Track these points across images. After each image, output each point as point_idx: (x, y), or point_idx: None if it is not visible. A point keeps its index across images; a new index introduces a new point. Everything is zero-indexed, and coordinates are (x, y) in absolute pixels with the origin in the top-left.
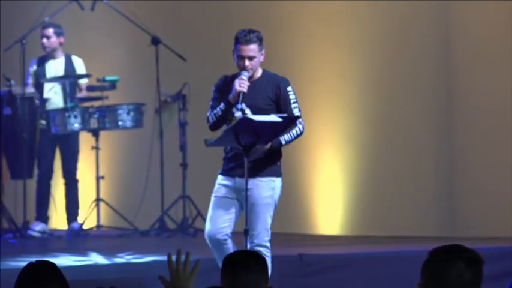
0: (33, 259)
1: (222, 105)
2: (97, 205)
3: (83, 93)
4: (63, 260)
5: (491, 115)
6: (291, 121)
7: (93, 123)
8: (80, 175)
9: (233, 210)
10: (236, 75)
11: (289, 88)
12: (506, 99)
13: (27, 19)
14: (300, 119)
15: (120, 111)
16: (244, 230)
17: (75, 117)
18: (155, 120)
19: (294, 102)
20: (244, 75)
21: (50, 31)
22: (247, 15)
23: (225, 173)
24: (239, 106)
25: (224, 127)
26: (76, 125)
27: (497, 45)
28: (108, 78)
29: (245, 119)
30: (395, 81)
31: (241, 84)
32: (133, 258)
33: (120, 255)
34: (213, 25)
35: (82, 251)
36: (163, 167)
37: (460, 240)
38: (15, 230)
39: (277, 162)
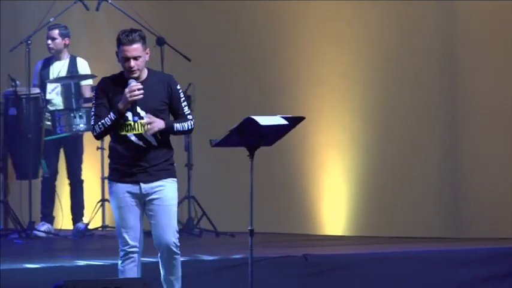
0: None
1: (111, 115)
2: (102, 205)
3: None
4: (68, 261)
5: (496, 116)
6: (296, 122)
7: None
8: (85, 175)
9: (141, 218)
10: (117, 77)
11: (178, 86)
12: (511, 101)
13: (32, 19)
14: (191, 117)
15: None
16: (249, 230)
17: (81, 117)
18: None
19: (184, 101)
20: (134, 83)
21: (55, 32)
22: (251, 16)
23: (124, 180)
24: (135, 118)
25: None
26: (81, 126)
27: (502, 45)
28: None
29: (250, 120)
30: (400, 82)
31: (133, 94)
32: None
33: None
34: (217, 25)
35: (87, 251)
36: None
37: (464, 241)
38: (20, 230)
39: (173, 163)
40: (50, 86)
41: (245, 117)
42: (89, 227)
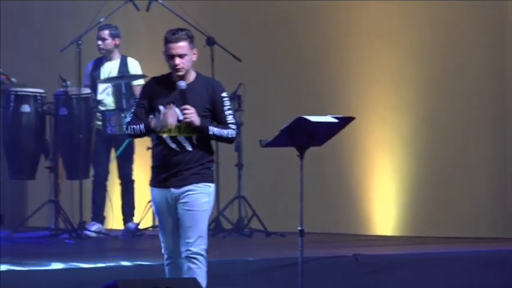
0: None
1: (142, 127)
2: None
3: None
4: (118, 260)
5: None
6: (346, 122)
7: None
8: (135, 176)
9: (178, 224)
10: (165, 77)
11: (224, 94)
12: None
13: (83, 19)
14: (234, 127)
15: None
16: (299, 231)
17: None
18: None
19: (228, 109)
20: (181, 86)
21: (106, 33)
22: (303, 15)
23: (159, 185)
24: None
25: None
26: None
27: None
28: None
29: (300, 119)
30: (451, 82)
31: (172, 116)
32: None
33: None
34: (268, 25)
35: (138, 251)
36: (219, 167)
37: None
38: (71, 230)
39: (210, 167)
40: (101, 87)
41: (296, 117)
42: (140, 227)
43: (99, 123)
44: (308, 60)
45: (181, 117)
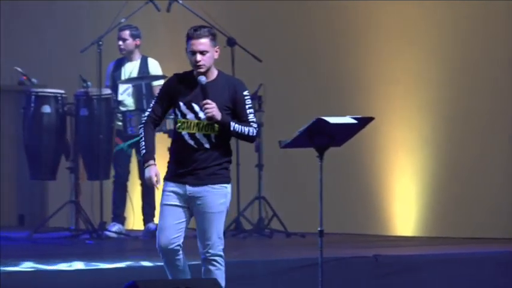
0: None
1: (143, 152)
2: None
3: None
4: (139, 261)
5: None
6: (366, 122)
7: (169, 124)
8: None
9: (183, 219)
10: (187, 74)
11: (245, 92)
12: None
13: (103, 20)
14: (256, 125)
15: None
16: (319, 231)
17: None
18: None
19: (249, 108)
20: (202, 81)
21: (126, 33)
22: (324, 15)
23: (174, 179)
24: (191, 116)
25: None
26: None
27: None
28: None
29: (320, 120)
30: (473, 82)
31: (154, 184)
32: None
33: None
34: (289, 25)
35: (158, 252)
36: (239, 167)
37: None
38: (91, 231)
39: (227, 168)
40: (121, 87)
41: (314, 118)
42: None
43: (120, 123)
44: (328, 61)
45: (201, 115)
